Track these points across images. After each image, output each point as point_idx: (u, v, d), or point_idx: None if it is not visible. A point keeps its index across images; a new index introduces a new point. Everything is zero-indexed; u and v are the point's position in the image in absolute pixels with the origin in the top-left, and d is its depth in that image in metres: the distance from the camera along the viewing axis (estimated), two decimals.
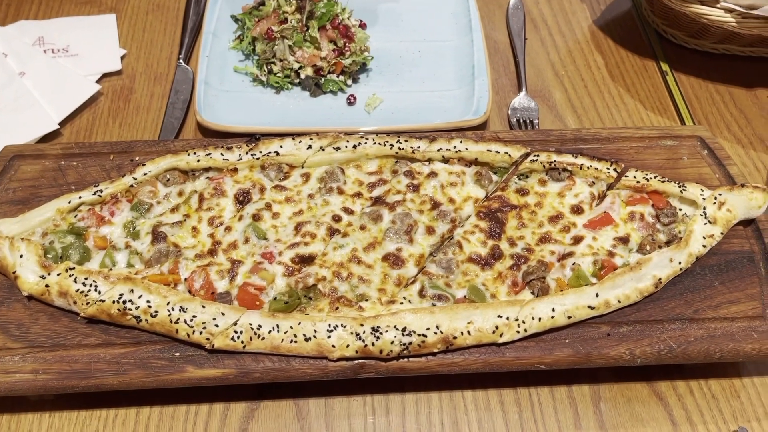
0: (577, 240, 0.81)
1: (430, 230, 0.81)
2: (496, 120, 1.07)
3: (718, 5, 1.01)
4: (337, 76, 1.05)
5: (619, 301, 0.76)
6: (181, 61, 1.10)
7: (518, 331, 0.73)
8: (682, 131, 0.95)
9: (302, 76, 1.04)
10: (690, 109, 1.09)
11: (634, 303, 0.78)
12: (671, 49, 1.17)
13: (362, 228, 0.81)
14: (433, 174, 0.86)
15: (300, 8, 1.04)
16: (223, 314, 0.72)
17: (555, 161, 0.86)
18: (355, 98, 1.05)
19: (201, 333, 0.71)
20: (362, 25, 1.13)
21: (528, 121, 1.05)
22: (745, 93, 1.11)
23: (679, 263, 0.79)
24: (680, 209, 0.85)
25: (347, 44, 1.05)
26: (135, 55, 1.14)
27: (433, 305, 0.75)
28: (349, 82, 1.07)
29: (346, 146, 0.87)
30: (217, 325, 0.72)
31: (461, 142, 0.88)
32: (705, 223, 0.82)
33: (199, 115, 0.97)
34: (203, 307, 0.73)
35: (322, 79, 1.05)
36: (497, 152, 0.87)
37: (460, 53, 1.11)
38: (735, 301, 0.79)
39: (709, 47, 1.14)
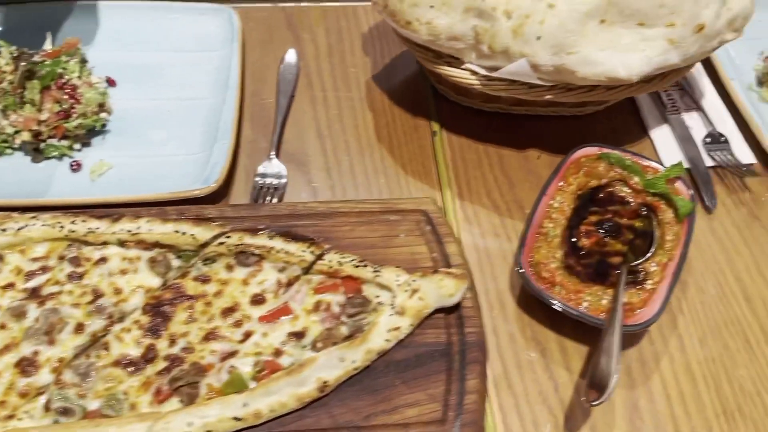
0: (247, 336, 0.74)
1: (79, 328, 0.73)
2: (242, 189, 0.99)
3: (463, 66, 0.95)
4: (59, 141, 0.97)
5: (273, 410, 0.68)
6: None
7: None
8: (407, 205, 0.88)
9: (18, 141, 0.96)
10: (454, 173, 1.03)
11: (298, 409, 0.70)
12: (447, 107, 1.11)
13: (2, 327, 0.73)
14: (102, 260, 0.78)
15: (17, 68, 0.96)
16: None
17: (244, 244, 0.79)
18: (79, 165, 0.97)
19: None
20: (111, 82, 1.06)
21: (273, 190, 0.98)
22: (515, 154, 1.06)
23: (354, 362, 0.72)
24: (377, 296, 0.78)
25: (74, 106, 0.97)
26: None
27: (56, 422, 0.67)
28: (78, 146, 0.98)
29: (12, 228, 0.79)
30: None
31: (148, 221, 0.80)
32: (392, 315, 0.75)
33: None
34: None
35: (42, 144, 0.97)
36: (183, 234, 0.80)
37: (212, 113, 1.04)
38: (414, 404, 0.72)
39: (480, 106, 1.09)
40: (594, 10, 0.84)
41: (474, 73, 0.94)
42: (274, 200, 0.96)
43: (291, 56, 1.15)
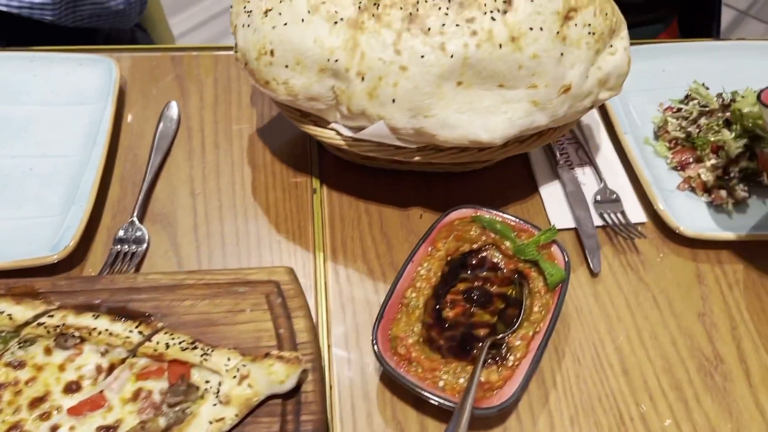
0: (54, 430, 0.68)
1: None
2: (101, 255, 0.93)
3: (329, 126, 0.91)
4: None
5: None
6: None
7: None
8: (258, 275, 0.83)
9: None
10: (330, 233, 0.98)
11: None
12: (330, 162, 1.07)
13: None
14: None
15: None
16: None
17: (64, 324, 0.74)
18: None
19: None
20: None
21: (130, 257, 0.92)
22: (397, 212, 1.01)
23: None
24: (207, 382, 0.73)
25: None
26: None
27: None
28: None
29: None
30: None
31: None
32: (215, 404, 0.69)
33: None
34: None
35: None
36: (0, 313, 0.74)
37: (77, 172, 0.98)
38: None
39: (362, 162, 1.04)
40: (448, 72, 0.80)
41: (339, 133, 0.90)
42: (131, 268, 0.90)
43: (172, 109, 1.11)
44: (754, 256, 0.98)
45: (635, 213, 1.02)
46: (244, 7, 0.91)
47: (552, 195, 1.04)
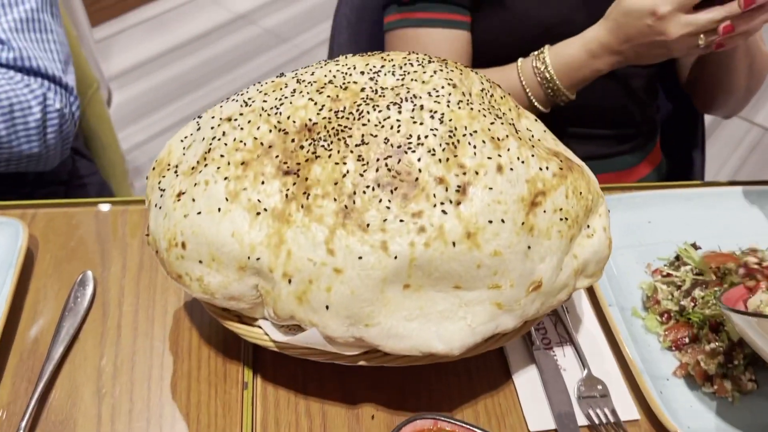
0: None
1: None
2: None
3: (256, 324, 0.76)
4: None
5: None
6: None
7: None
8: None
9: None
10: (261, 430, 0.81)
11: None
12: (265, 356, 0.91)
13: None
14: None
15: None
16: None
17: None
18: None
19: None
20: None
21: None
22: (344, 412, 0.84)
23: None
24: None
25: None
26: None
27: None
28: None
29: None
30: None
31: None
32: None
33: None
34: None
35: None
36: None
37: None
38: None
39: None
40: (393, 275, 0.66)
41: (267, 334, 0.75)
42: None
43: (87, 280, 0.96)
44: None
45: (626, 407, 0.86)
46: (159, 182, 0.77)
47: (527, 386, 0.88)
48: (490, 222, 0.67)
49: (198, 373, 0.88)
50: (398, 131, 0.69)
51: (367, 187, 0.67)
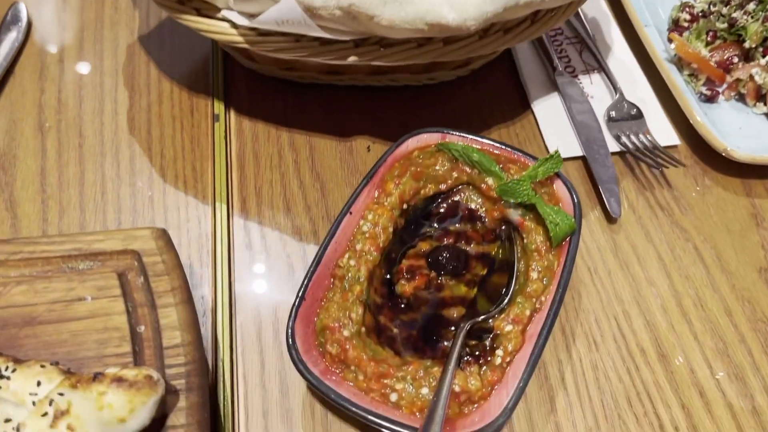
0: None
1: None
2: None
3: (219, 15, 0.61)
4: None
5: None
6: None
7: None
8: (108, 242, 0.54)
9: None
10: (238, 177, 0.69)
11: None
12: (241, 77, 0.76)
13: None
14: None
15: None
16: None
17: None
18: None
19: None
20: None
21: None
22: (335, 144, 0.72)
23: None
24: (8, 420, 0.45)
25: None
26: None
27: None
28: None
29: None
30: None
31: None
32: None
33: None
34: None
35: None
36: None
37: None
38: None
39: (284, 75, 0.74)
40: None
41: (233, 24, 0.60)
42: None
43: (19, 12, 0.79)
44: None
45: (664, 133, 0.74)
46: None
47: (549, 113, 0.75)
48: None
49: (159, 108, 0.74)
50: None
51: None
